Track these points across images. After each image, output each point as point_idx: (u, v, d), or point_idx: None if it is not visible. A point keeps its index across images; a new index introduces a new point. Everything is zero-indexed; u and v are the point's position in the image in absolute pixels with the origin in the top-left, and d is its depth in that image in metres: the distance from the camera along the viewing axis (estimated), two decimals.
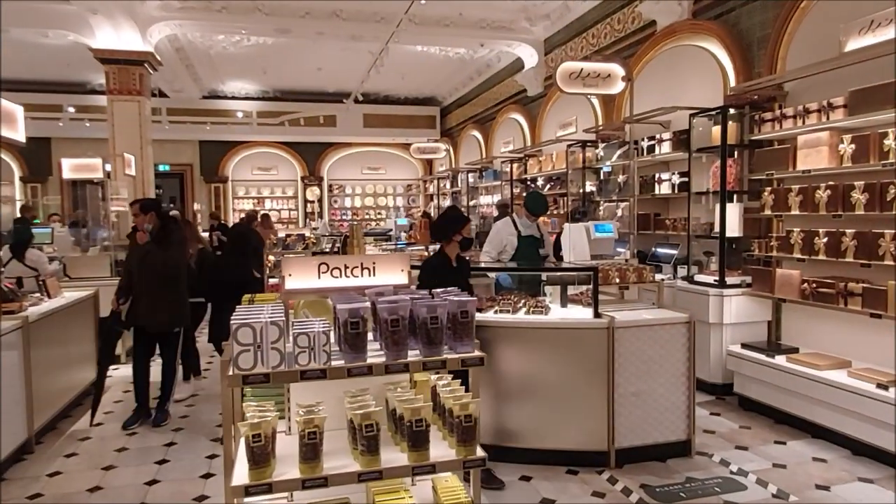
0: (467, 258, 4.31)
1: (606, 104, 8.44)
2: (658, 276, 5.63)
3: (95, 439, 4.67)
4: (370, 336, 2.32)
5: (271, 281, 6.91)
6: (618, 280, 4.46)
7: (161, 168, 16.20)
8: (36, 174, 15.18)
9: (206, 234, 12.35)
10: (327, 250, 7.35)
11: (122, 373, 6.11)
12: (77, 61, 10.84)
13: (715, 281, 5.50)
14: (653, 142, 6.77)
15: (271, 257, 8.79)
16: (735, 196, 5.70)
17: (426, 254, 7.58)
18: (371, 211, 18.08)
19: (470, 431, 2.16)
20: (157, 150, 14.80)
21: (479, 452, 2.20)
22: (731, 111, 5.56)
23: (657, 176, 6.85)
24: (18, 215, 11.67)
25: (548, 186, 9.84)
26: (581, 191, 8.35)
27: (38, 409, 4.55)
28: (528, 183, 10.60)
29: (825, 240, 4.58)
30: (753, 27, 5.89)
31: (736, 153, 5.69)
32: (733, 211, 5.59)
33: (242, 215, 12.86)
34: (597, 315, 4.11)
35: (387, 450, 2.21)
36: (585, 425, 4.03)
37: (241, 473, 2.03)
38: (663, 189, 6.76)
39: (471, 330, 2.21)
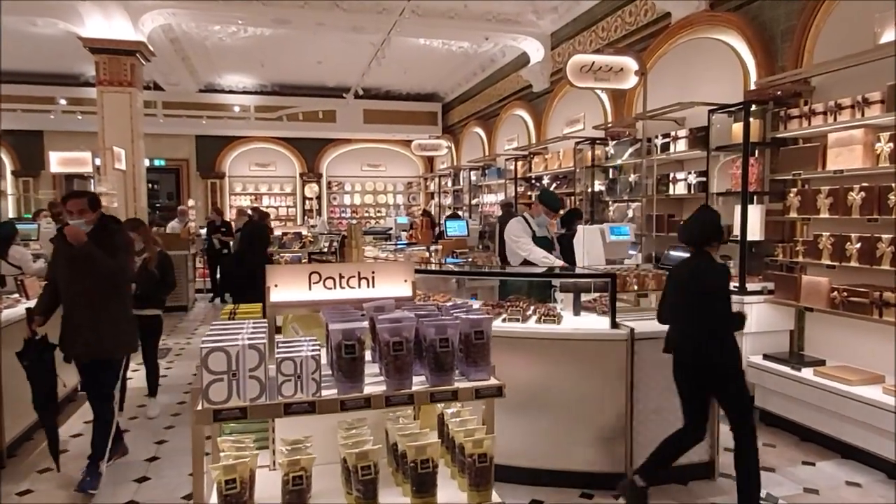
0: None
1: (616, 100, 8.11)
2: None
3: (72, 453, 4.34)
4: (368, 356, 2.00)
5: None
6: (636, 287, 4.13)
7: (157, 163, 15.88)
8: (28, 168, 14.83)
9: (202, 231, 12.01)
10: (325, 250, 7.02)
11: None
12: (70, 52, 10.47)
13: (734, 287, 5.18)
14: (667, 139, 6.46)
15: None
16: (756, 197, 5.38)
17: (427, 254, 7.24)
18: (371, 209, 17.75)
19: (485, 473, 1.84)
20: (153, 145, 14.49)
21: (495, 497, 1.88)
22: (754, 107, 5.23)
23: (672, 175, 6.53)
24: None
25: (554, 185, 9.52)
26: (589, 190, 8.02)
27: (10, 420, 4.23)
28: (534, 181, 10.27)
29: (858, 245, 4.26)
30: (777, 18, 5.56)
31: (757, 152, 5.36)
32: (755, 213, 5.27)
33: (248, 212, 12.51)
34: (614, 325, 3.79)
35: (386, 491, 1.89)
36: (601, 445, 3.72)
37: None
38: (678, 189, 6.44)
39: (486, 353, 1.89)
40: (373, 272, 2.19)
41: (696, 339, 3.31)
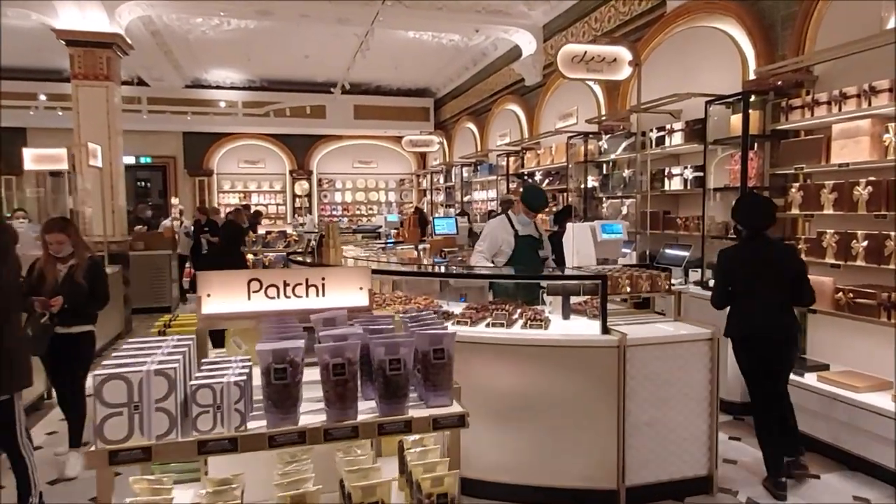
0: None
1: (610, 93, 7.84)
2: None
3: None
4: (315, 375, 1.72)
5: None
6: (629, 289, 3.86)
7: (143, 160, 15.56)
8: (11, 166, 14.45)
9: (187, 228, 11.71)
10: (300, 250, 6.72)
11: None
12: (50, 47, 10.12)
13: None
14: (662, 133, 6.19)
15: (250, 255, 8.22)
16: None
17: (415, 253, 6.97)
18: (362, 206, 17.46)
19: None
20: (139, 142, 14.17)
21: None
22: (753, 98, 4.97)
23: (667, 170, 6.27)
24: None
25: (546, 181, 9.25)
26: (582, 186, 7.76)
27: None
28: (525, 177, 10.01)
29: (865, 243, 4.00)
30: (777, 5, 5.29)
31: (757, 145, 5.11)
32: None
33: (229, 209, 12.24)
34: (605, 331, 3.52)
35: None
36: (591, 459, 3.45)
37: None
38: (674, 185, 6.17)
39: (448, 375, 1.61)
40: (323, 279, 1.91)
41: (780, 313, 3.60)
